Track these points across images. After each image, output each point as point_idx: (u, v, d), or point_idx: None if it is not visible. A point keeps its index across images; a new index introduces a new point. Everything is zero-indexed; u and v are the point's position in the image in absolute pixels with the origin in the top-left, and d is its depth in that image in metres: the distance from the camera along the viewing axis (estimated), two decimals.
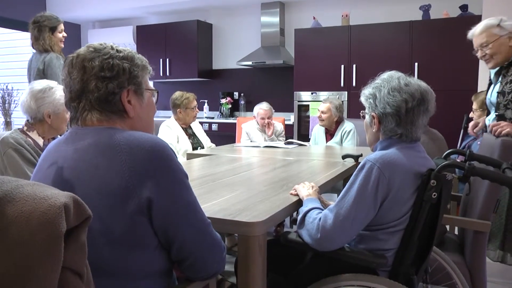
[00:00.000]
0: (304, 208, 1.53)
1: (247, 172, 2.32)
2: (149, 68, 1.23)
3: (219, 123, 6.08)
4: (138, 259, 1.07)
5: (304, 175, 2.19)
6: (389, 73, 1.54)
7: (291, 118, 5.64)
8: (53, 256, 0.66)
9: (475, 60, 3.07)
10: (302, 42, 5.47)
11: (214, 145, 3.91)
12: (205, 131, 4.03)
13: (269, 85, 6.30)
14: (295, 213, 1.75)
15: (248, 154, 3.19)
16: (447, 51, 4.65)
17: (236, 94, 6.51)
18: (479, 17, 4.42)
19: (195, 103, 3.69)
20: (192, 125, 3.78)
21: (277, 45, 5.99)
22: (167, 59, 6.53)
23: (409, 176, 1.40)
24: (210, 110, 6.57)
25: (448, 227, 2.23)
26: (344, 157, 2.75)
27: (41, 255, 0.65)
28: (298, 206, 1.66)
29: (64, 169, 1.08)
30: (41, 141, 2.09)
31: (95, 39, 6.96)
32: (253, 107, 4.34)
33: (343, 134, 3.88)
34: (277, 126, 4.36)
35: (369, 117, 1.55)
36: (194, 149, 3.58)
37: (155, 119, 1.38)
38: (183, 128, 3.64)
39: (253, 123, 4.31)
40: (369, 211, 1.39)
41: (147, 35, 6.68)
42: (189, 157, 3.14)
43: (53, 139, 2.18)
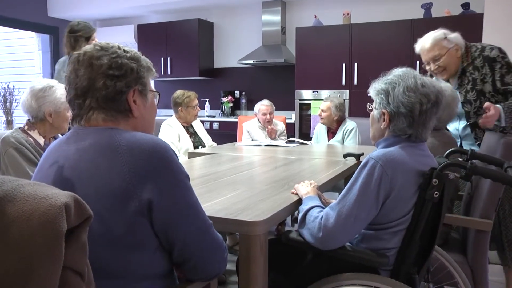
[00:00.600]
0: (304, 206, 1.52)
1: (248, 171, 2.32)
2: (153, 70, 1.24)
3: (220, 122, 6.08)
4: (138, 260, 1.07)
5: (305, 174, 2.19)
6: (403, 69, 1.49)
7: (293, 116, 5.64)
8: (53, 255, 0.66)
9: None
10: (303, 40, 5.46)
11: (215, 143, 3.91)
12: (206, 130, 4.03)
13: (270, 84, 6.30)
14: (296, 212, 1.75)
15: (249, 153, 3.18)
16: None
17: (237, 92, 6.51)
18: (481, 15, 4.41)
19: (197, 101, 3.69)
20: (193, 123, 3.77)
21: (278, 44, 5.98)
22: (168, 58, 6.53)
23: (412, 174, 1.39)
24: (211, 108, 6.57)
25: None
26: (345, 156, 2.75)
27: (42, 255, 0.65)
28: (299, 205, 1.66)
29: (64, 169, 1.08)
30: (42, 140, 2.09)
31: (96, 38, 6.96)
32: (254, 105, 4.34)
33: (344, 132, 3.88)
34: (279, 125, 4.36)
35: (378, 112, 1.51)
36: (195, 147, 3.58)
37: (157, 118, 1.38)
38: (184, 126, 3.64)
39: (254, 122, 4.31)
40: (371, 209, 1.38)
41: (148, 34, 6.68)
42: (190, 156, 3.14)
43: (54, 138, 2.18)
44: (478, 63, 2.40)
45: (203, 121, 4.95)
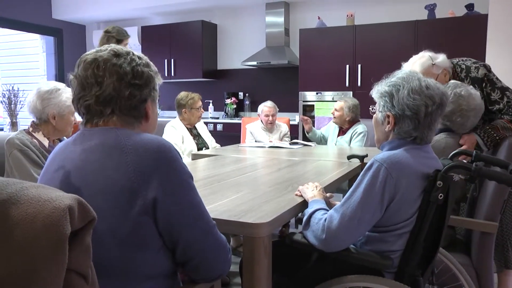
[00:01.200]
0: (309, 209, 1.52)
1: (252, 172, 2.31)
2: (159, 75, 1.26)
3: (224, 123, 6.08)
4: (142, 259, 1.07)
5: (309, 176, 2.18)
6: (406, 71, 1.49)
7: (296, 118, 5.63)
8: (57, 258, 0.66)
9: (480, 59, 3.05)
10: (307, 42, 5.46)
11: (219, 145, 3.91)
12: (210, 132, 4.03)
13: (274, 85, 6.30)
14: (300, 213, 1.75)
15: (253, 154, 3.18)
16: (453, 50, 4.61)
17: (241, 94, 6.51)
18: (485, 16, 4.39)
19: (200, 103, 3.68)
20: (197, 125, 3.77)
21: (282, 45, 5.98)
22: (172, 60, 6.54)
23: (416, 177, 1.39)
24: (215, 110, 6.57)
25: None
26: (349, 157, 2.74)
27: (46, 258, 0.65)
28: (303, 207, 1.65)
29: (71, 173, 1.08)
30: (46, 142, 2.09)
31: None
32: (258, 107, 4.34)
33: (353, 134, 3.87)
34: (282, 127, 4.35)
35: (382, 115, 1.50)
36: (199, 149, 3.58)
37: (160, 119, 1.40)
38: (188, 128, 3.64)
39: (257, 123, 4.30)
40: (376, 211, 1.38)
41: (151, 35, 6.69)
42: (194, 157, 3.14)
43: (60, 140, 2.18)
44: None
45: (206, 123, 4.96)
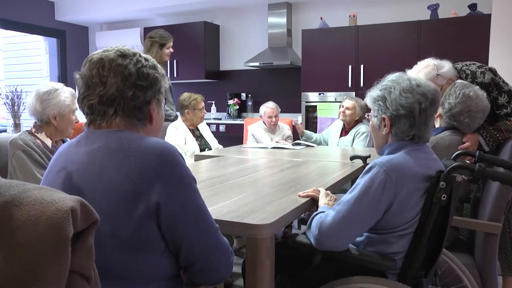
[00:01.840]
0: (315, 212, 1.53)
1: (255, 173, 2.31)
2: (167, 77, 1.26)
3: (226, 124, 6.08)
4: (145, 262, 1.07)
5: (312, 177, 2.18)
6: (395, 74, 1.52)
7: (299, 119, 5.62)
8: (60, 260, 0.66)
9: (484, 60, 3.05)
10: (309, 42, 5.45)
11: (221, 146, 3.91)
12: (213, 132, 4.03)
13: (277, 86, 6.30)
14: (303, 214, 1.75)
15: (255, 155, 3.18)
16: (456, 51, 4.61)
17: (243, 95, 6.51)
18: (489, 16, 4.38)
19: (203, 104, 3.69)
20: (199, 126, 3.77)
21: (284, 46, 5.98)
22: (174, 61, 6.55)
23: (417, 179, 1.39)
24: (217, 111, 6.57)
25: None
26: (352, 158, 2.74)
27: (48, 259, 0.65)
28: (306, 208, 1.65)
29: (73, 174, 1.08)
30: (49, 142, 2.10)
31: (103, 41, 7.00)
32: (260, 108, 4.33)
33: (356, 134, 3.87)
34: (285, 129, 4.35)
35: (377, 119, 1.52)
36: (201, 150, 3.58)
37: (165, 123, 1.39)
38: (190, 129, 3.64)
39: (259, 124, 4.30)
40: (372, 213, 1.38)
41: None
42: (197, 158, 3.14)
43: (63, 141, 2.19)
44: None
45: (209, 124, 4.96)
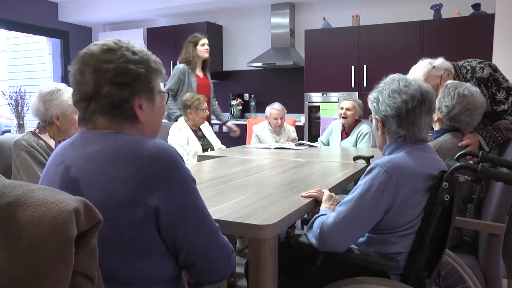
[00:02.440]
0: (316, 215, 1.53)
1: (257, 174, 2.31)
2: (163, 71, 1.19)
3: None
4: (146, 265, 1.06)
5: (315, 177, 2.18)
6: (391, 76, 1.55)
7: (302, 119, 5.63)
8: (64, 260, 0.66)
9: (487, 60, 3.03)
10: (312, 43, 5.45)
11: (224, 146, 3.91)
12: (216, 133, 4.03)
13: (280, 86, 6.29)
14: (306, 214, 1.75)
15: (258, 155, 3.18)
16: (459, 51, 4.59)
17: (246, 95, 6.51)
18: (492, 16, 4.37)
19: (206, 104, 3.69)
20: (201, 127, 3.77)
21: (287, 46, 5.98)
22: (178, 61, 6.55)
23: (419, 179, 1.39)
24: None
25: None
26: (355, 158, 2.74)
27: (52, 260, 0.65)
28: (309, 208, 1.65)
29: (71, 170, 1.07)
30: (52, 143, 2.10)
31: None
32: (264, 108, 4.33)
33: (359, 135, 3.86)
34: (291, 130, 4.34)
35: (374, 121, 1.56)
36: (204, 151, 3.58)
37: (165, 121, 1.38)
38: (192, 130, 3.64)
39: (264, 125, 4.29)
40: (374, 214, 1.38)
41: (157, 37, 6.71)
42: (200, 158, 3.14)
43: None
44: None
45: (212, 124, 4.96)
